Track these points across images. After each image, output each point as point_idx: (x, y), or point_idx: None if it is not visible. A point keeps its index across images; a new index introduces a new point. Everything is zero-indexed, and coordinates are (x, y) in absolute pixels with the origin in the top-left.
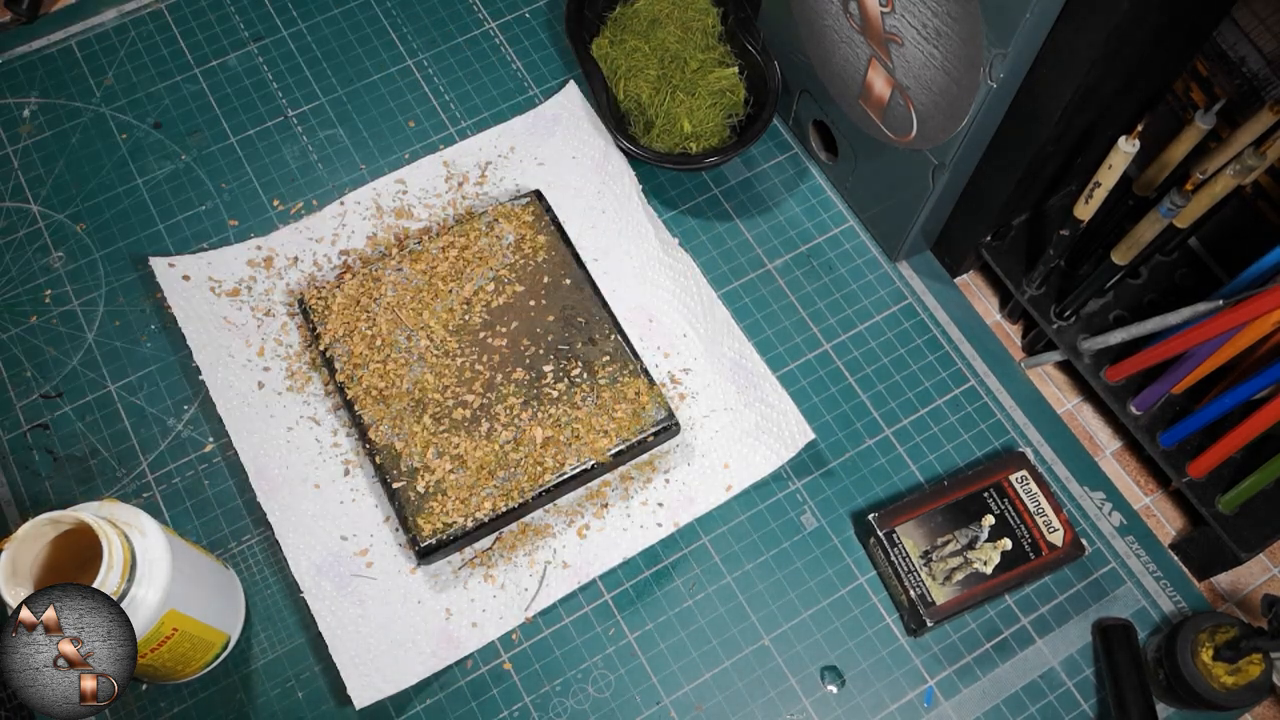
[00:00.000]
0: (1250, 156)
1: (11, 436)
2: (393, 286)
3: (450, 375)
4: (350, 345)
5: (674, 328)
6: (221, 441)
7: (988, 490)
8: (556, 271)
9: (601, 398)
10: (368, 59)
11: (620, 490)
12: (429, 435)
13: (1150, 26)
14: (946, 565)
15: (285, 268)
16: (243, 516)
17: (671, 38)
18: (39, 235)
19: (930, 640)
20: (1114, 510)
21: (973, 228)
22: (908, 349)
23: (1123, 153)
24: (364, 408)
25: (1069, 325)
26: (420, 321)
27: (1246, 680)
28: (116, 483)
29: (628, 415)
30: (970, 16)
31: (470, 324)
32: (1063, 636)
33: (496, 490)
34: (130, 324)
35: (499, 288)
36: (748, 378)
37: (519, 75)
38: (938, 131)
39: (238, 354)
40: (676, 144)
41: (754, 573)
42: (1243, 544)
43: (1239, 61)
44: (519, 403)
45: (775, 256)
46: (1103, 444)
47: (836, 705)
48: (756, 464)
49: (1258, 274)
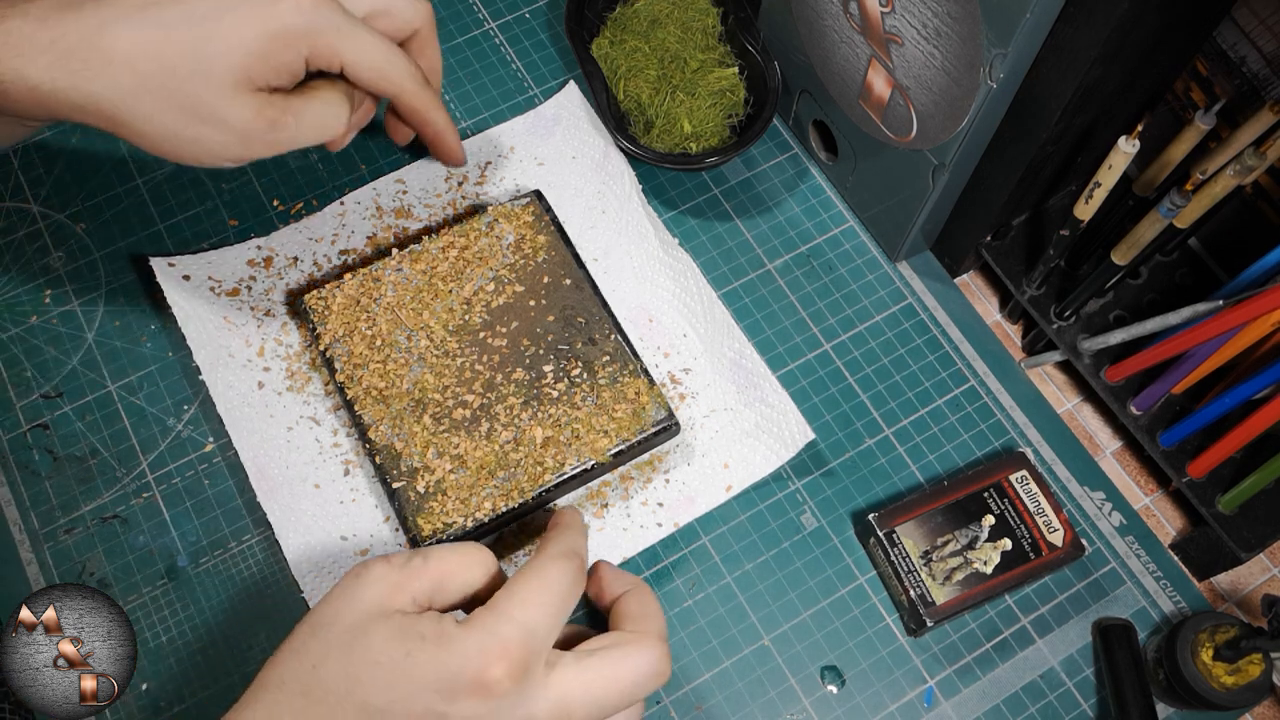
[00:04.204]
0: (1250, 156)
1: (11, 436)
2: (393, 286)
3: (450, 375)
4: (350, 345)
5: (674, 328)
6: (221, 441)
7: (988, 490)
8: (556, 271)
9: (601, 398)
10: None
11: (620, 490)
12: (429, 435)
13: (1150, 26)
14: (946, 565)
15: (285, 268)
16: (243, 516)
17: (671, 38)
18: (39, 235)
19: (930, 640)
20: (1114, 510)
21: (973, 228)
22: (908, 349)
23: (1123, 153)
24: (364, 408)
25: (1069, 325)
26: (420, 321)
27: (1246, 680)
28: (116, 483)
29: (628, 415)
30: (970, 16)
31: (470, 324)
32: (1063, 636)
33: (496, 490)
34: (130, 324)
35: (499, 288)
36: (748, 378)
37: (519, 75)
38: (938, 131)
39: (238, 354)
40: (676, 144)
41: (754, 573)
42: (1243, 544)
43: (1239, 61)
44: (519, 403)
45: (775, 256)
46: (1103, 444)
47: (836, 705)
48: (756, 464)
49: (1258, 274)
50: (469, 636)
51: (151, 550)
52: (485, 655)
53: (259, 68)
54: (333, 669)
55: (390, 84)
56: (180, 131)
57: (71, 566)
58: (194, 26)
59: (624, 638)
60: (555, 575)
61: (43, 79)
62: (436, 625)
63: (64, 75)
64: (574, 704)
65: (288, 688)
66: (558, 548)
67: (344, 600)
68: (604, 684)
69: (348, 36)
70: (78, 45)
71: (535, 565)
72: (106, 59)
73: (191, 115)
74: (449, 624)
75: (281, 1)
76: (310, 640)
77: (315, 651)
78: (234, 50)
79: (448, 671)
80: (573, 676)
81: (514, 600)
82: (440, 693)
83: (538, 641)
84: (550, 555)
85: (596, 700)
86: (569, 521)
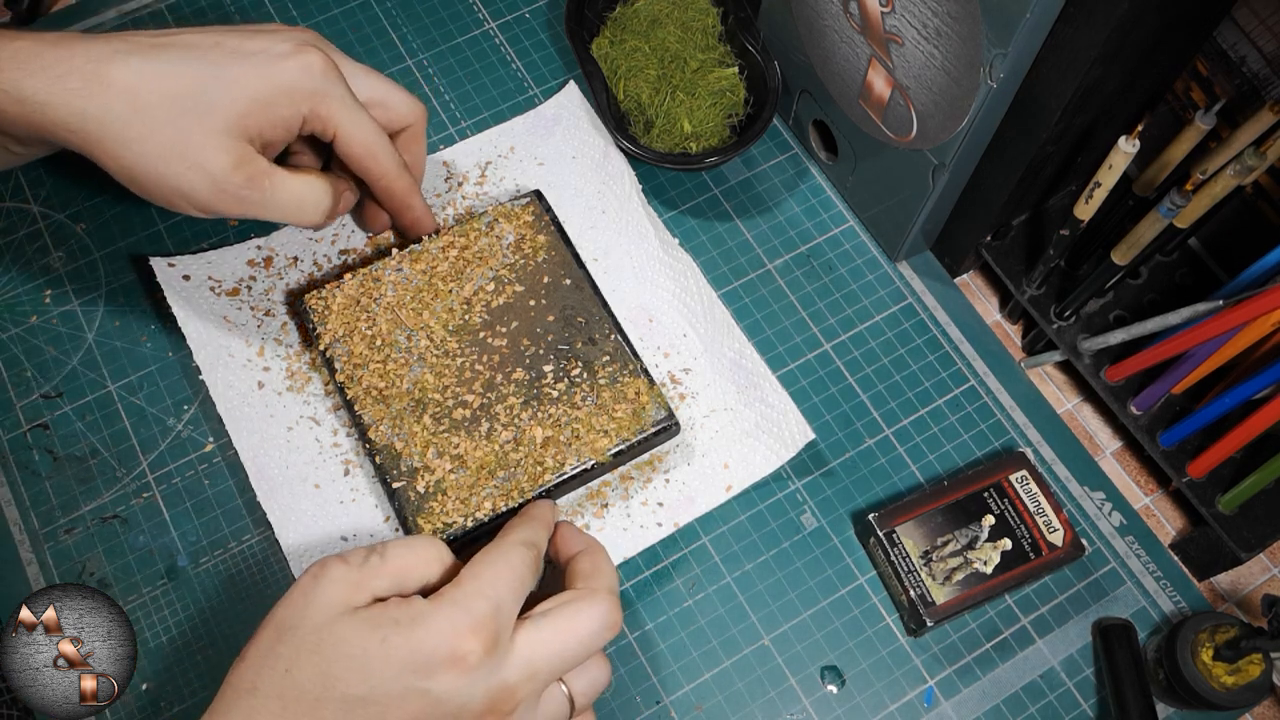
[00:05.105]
0: (1250, 156)
1: (11, 436)
2: (393, 286)
3: (450, 375)
4: (350, 345)
5: (674, 328)
6: (221, 441)
7: (988, 490)
8: (556, 271)
9: (601, 398)
10: (368, 59)
11: (620, 490)
12: (429, 435)
13: (1150, 26)
14: (946, 565)
15: (285, 268)
16: (243, 516)
17: (671, 38)
18: (39, 235)
19: (930, 640)
20: (1114, 510)
21: (973, 228)
22: (908, 349)
23: (1123, 153)
24: (364, 408)
25: (1069, 325)
26: (420, 321)
27: (1246, 680)
28: (116, 483)
29: (628, 415)
30: (970, 16)
31: (470, 324)
32: (1063, 636)
33: (496, 490)
34: (130, 324)
35: (499, 287)
36: (748, 378)
37: (519, 75)
38: (938, 131)
39: (237, 354)
40: (676, 144)
41: (754, 573)
42: (1243, 544)
43: (1239, 61)
44: (519, 402)
45: (775, 256)
46: (1103, 444)
47: (836, 705)
48: (756, 464)
49: (1258, 274)
50: (440, 613)
51: (151, 550)
52: (458, 631)
53: (257, 115)
54: (306, 671)
55: (376, 164)
56: (157, 164)
57: (71, 566)
58: (204, 67)
59: (576, 594)
60: (517, 559)
61: (37, 91)
62: (407, 608)
63: (59, 92)
64: (538, 661)
65: (261, 693)
66: (520, 536)
67: (306, 601)
68: (562, 639)
69: (347, 108)
70: (82, 67)
71: (499, 549)
72: (106, 84)
73: (174, 150)
74: (419, 603)
75: (291, 60)
76: (278, 645)
77: (285, 656)
78: (237, 94)
79: (424, 650)
80: (534, 636)
81: (481, 579)
82: (418, 671)
83: (504, 615)
84: (512, 541)
85: (558, 654)
86: (535, 515)
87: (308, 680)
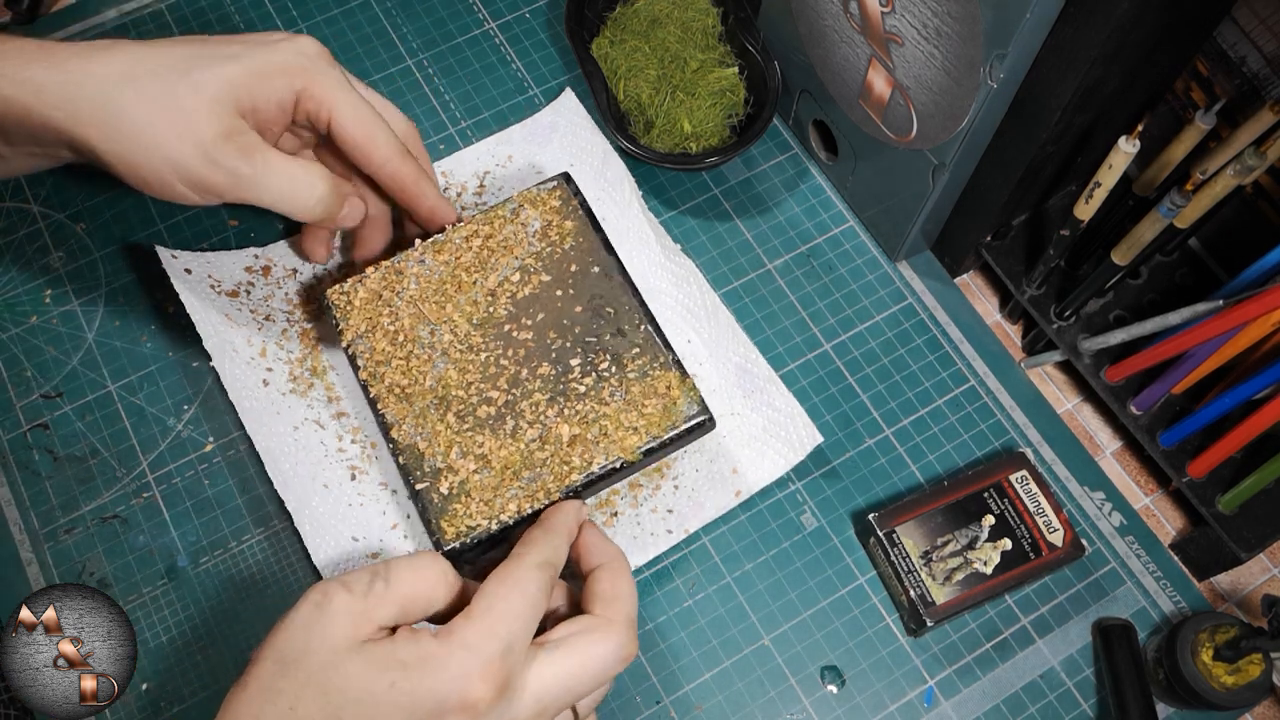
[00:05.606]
0: (1250, 156)
1: (11, 436)
2: (415, 279)
3: (474, 371)
4: (372, 342)
5: (678, 333)
6: (222, 441)
7: (988, 490)
8: (584, 259)
9: (631, 392)
10: (368, 59)
11: (630, 498)
12: (452, 434)
13: (1150, 26)
14: (946, 565)
15: (284, 278)
16: (243, 516)
17: (671, 38)
18: (39, 235)
19: (930, 640)
20: (1114, 510)
21: (973, 228)
22: (908, 349)
23: (1123, 153)
24: (386, 406)
25: (1069, 325)
26: (443, 315)
27: (1246, 680)
28: (116, 483)
29: (658, 411)
30: (970, 16)
31: (495, 316)
32: (1063, 636)
33: (521, 491)
34: (130, 324)
35: (525, 277)
36: (754, 382)
37: (519, 75)
38: (938, 131)
39: (241, 350)
40: (676, 144)
41: (754, 573)
42: (1243, 544)
43: (1239, 61)
44: (545, 399)
45: (775, 256)
46: (1103, 444)
47: (836, 705)
48: (765, 468)
49: (1258, 274)
50: (451, 657)
51: (151, 550)
52: (468, 675)
53: (249, 86)
54: (311, 710)
55: (377, 148)
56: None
57: (71, 566)
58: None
59: (592, 624)
60: (533, 587)
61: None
62: (415, 648)
63: (56, 74)
64: (548, 699)
65: None
66: (536, 556)
67: (308, 635)
68: (573, 673)
69: (343, 89)
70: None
71: (513, 574)
72: (100, 62)
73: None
74: (427, 643)
75: (285, 42)
76: (280, 680)
77: (289, 692)
78: (230, 65)
79: (434, 697)
80: (545, 671)
81: (493, 613)
82: (427, 718)
83: (516, 655)
84: (528, 565)
85: (568, 688)
86: (555, 525)
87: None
